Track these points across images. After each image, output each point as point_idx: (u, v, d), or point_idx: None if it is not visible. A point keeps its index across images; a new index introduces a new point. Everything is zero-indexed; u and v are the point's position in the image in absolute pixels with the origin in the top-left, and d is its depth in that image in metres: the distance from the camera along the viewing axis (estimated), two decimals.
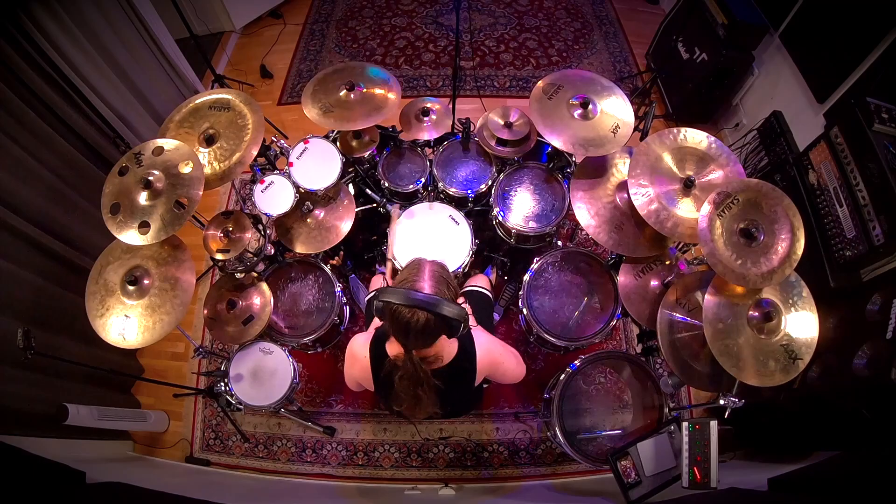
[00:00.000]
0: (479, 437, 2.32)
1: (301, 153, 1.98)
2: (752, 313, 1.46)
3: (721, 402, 1.47)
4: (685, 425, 1.46)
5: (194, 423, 2.41)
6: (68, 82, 2.29)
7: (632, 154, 1.74)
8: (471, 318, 1.56)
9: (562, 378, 1.76)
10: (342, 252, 2.38)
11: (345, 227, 1.95)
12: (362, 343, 1.37)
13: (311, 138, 2.01)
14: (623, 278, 1.79)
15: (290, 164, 1.95)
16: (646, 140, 1.68)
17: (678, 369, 1.60)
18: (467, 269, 2.00)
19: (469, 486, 2.23)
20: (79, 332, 2.00)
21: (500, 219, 2.04)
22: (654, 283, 1.79)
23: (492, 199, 2.08)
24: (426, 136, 2.13)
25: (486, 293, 1.96)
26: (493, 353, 1.39)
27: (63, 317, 2.05)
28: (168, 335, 1.58)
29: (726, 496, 1.44)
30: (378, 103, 1.96)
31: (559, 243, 2.17)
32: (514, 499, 2.17)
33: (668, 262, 1.80)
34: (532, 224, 2.04)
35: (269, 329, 1.89)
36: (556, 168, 2.12)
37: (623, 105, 1.81)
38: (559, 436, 1.70)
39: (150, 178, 1.59)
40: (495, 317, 2.42)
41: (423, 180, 2.13)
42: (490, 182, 2.10)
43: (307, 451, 2.32)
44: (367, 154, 2.11)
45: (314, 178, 1.93)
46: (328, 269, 2.03)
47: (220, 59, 3.63)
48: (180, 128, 1.83)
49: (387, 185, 2.12)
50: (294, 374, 1.87)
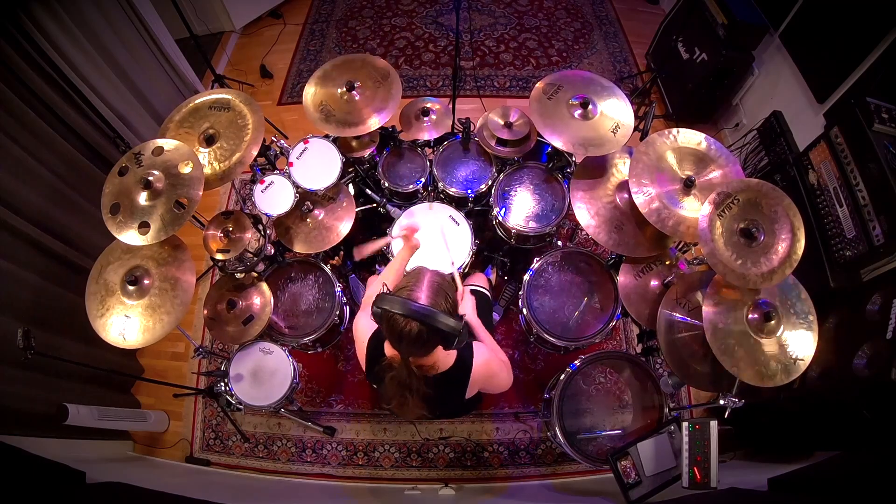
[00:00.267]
0: (479, 437, 2.32)
1: (301, 153, 1.98)
2: (751, 314, 1.46)
3: (721, 402, 1.47)
4: (685, 425, 1.46)
5: (194, 423, 2.41)
6: (68, 82, 2.28)
7: (632, 154, 1.74)
8: (478, 324, 1.54)
9: (562, 378, 1.76)
10: (342, 252, 2.39)
11: (344, 228, 1.95)
12: (365, 329, 1.37)
13: (310, 138, 2.01)
14: (623, 278, 1.79)
15: (290, 164, 1.95)
16: (646, 140, 1.68)
17: (678, 369, 1.60)
18: (467, 269, 2.00)
19: (469, 486, 2.23)
20: (79, 332, 2.00)
21: (500, 219, 2.04)
22: (654, 283, 1.79)
23: (492, 199, 2.08)
24: (426, 136, 2.13)
25: (486, 293, 1.96)
26: (490, 368, 1.37)
27: (63, 317, 2.05)
28: (168, 335, 1.58)
29: (726, 496, 1.44)
30: (379, 103, 1.96)
31: (559, 243, 2.17)
32: (515, 499, 2.17)
33: (668, 262, 1.80)
34: (532, 224, 2.04)
35: (269, 329, 1.89)
36: (556, 168, 2.12)
37: (623, 105, 1.81)
38: (559, 436, 1.70)
39: (150, 178, 1.59)
40: (495, 317, 2.42)
41: (423, 180, 2.13)
42: (490, 182, 2.10)
43: (307, 451, 2.32)
44: (367, 154, 2.11)
45: (314, 178, 1.93)
46: (328, 269, 2.03)
47: (220, 59, 3.63)
48: (180, 128, 1.83)
49: (387, 185, 2.12)
50: (294, 374, 1.86)
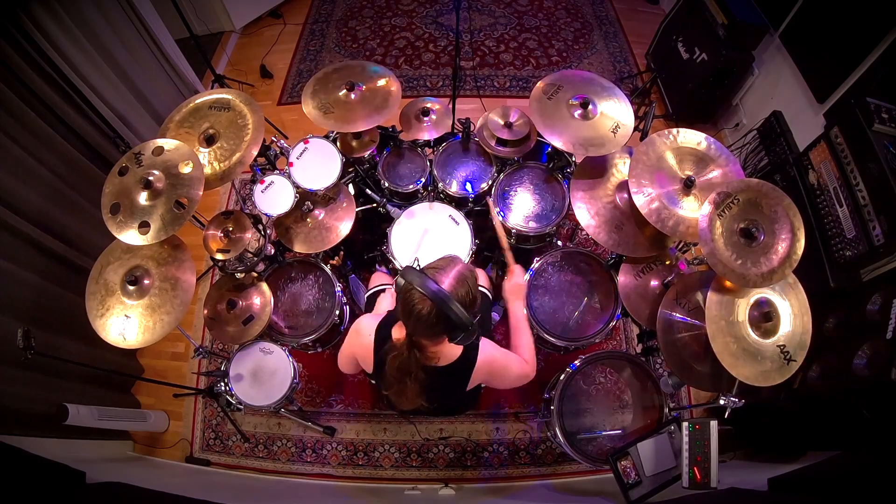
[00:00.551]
0: (479, 437, 2.32)
1: (301, 153, 1.98)
2: (751, 313, 1.46)
3: (721, 402, 1.47)
4: (685, 425, 1.46)
5: (194, 423, 2.41)
6: (68, 82, 2.28)
7: (632, 154, 1.74)
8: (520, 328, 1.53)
9: (562, 378, 1.76)
10: (342, 252, 2.38)
11: (344, 228, 1.95)
12: (369, 324, 1.37)
13: (311, 138, 2.01)
14: (623, 278, 1.79)
15: (290, 164, 1.95)
16: (646, 140, 1.68)
17: (678, 369, 1.60)
18: None
19: (469, 486, 2.23)
20: (79, 332, 1.99)
21: (500, 219, 2.04)
22: (654, 283, 1.78)
23: (492, 199, 2.08)
24: (426, 136, 2.13)
25: (487, 293, 1.96)
26: (494, 364, 1.36)
27: (63, 317, 2.05)
28: (168, 335, 1.58)
29: (726, 496, 1.44)
30: (379, 103, 1.96)
31: (559, 243, 2.17)
32: (514, 499, 2.17)
33: (668, 262, 1.80)
34: (532, 224, 2.04)
35: (269, 329, 1.89)
36: (556, 168, 2.12)
37: (623, 105, 1.81)
38: (559, 436, 1.70)
39: (150, 178, 1.58)
40: (495, 317, 2.42)
41: (423, 180, 2.13)
42: (490, 182, 2.10)
43: (307, 451, 2.32)
44: (367, 154, 2.11)
45: (314, 178, 1.93)
46: (328, 269, 2.02)
47: (220, 59, 3.63)
48: (180, 128, 1.83)
49: (387, 185, 2.12)
50: (294, 374, 1.86)
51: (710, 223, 1.46)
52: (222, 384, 1.86)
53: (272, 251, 1.96)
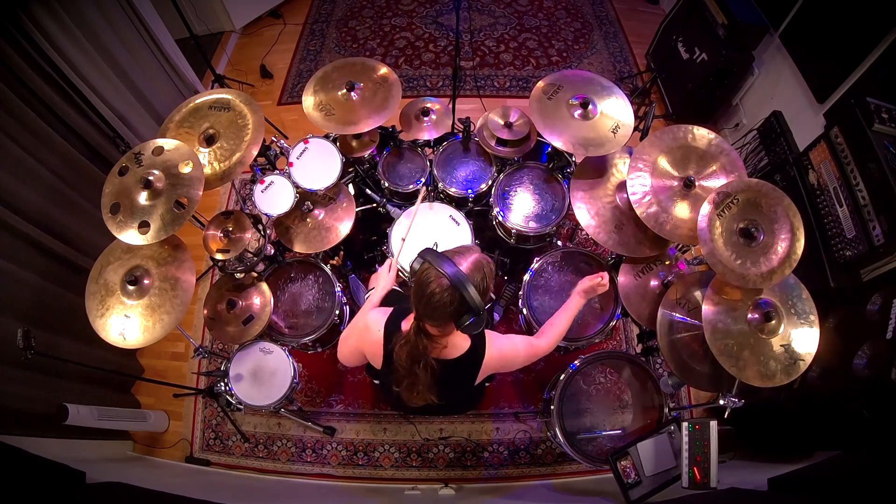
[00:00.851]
0: (479, 437, 2.32)
1: (301, 153, 1.98)
2: (751, 314, 1.46)
3: (721, 402, 1.47)
4: (685, 425, 1.46)
5: (194, 423, 2.41)
6: (68, 82, 2.28)
7: (632, 154, 1.74)
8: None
9: (562, 378, 1.76)
10: (342, 252, 2.38)
11: (344, 228, 1.95)
12: (378, 318, 1.36)
13: (310, 138, 2.01)
14: (623, 278, 1.79)
15: (290, 164, 1.95)
16: (646, 140, 1.68)
17: (678, 369, 1.60)
18: None
19: (469, 486, 2.23)
20: (79, 332, 2.00)
21: (500, 219, 2.04)
22: (654, 283, 1.78)
23: (492, 199, 2.08)
24: (426, 136, 2.13)
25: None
26: (504, 356, 1.37)
27: (63, 317, 2.05)
28: (168, 335, 1.58)
29: (726, 496, 1.44)
30: (379, 103, 1.96)
31: (559, 243, 2.17)
32: (514, 499, 2.17)
33: (667, 262, 1.80)
34: (532, 224, 2.04)
35: (269, 329, 1.89)
36: (556, 168, 2.12)
37: (623, 105, 1.81)
38: (559, 436, 1.70)
39: (150, 178, 1.59)
40: (495, 317, 2.42)
41: (423, 180, 2.13)
42: (490, 182, 2.10)
43: (307, 451, 2.32)
44: (366, 154, 2.11)
45: (314, 178, 1.93)
46: (328, 269, 2.02)
47: (220, 59, 3.63)
48: (180, 128, 1.83)
49: (387, 185, 2.12)
50: (294, 374, 1.86)
51: (709, 223, 1.46)
52: (222, 384, 1.86)
53: (272, 251, 1.96)
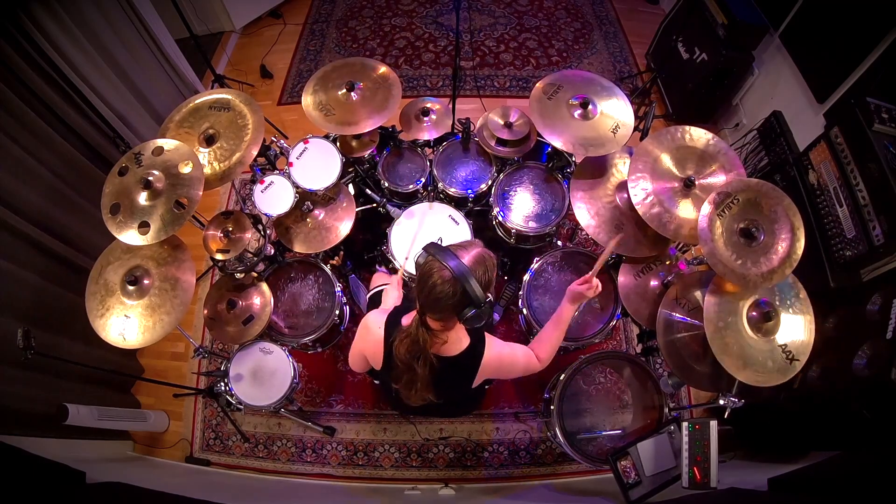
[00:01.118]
0: (479, 437, 2.32)
1: (301, 153, 1.98)
2: (751, 313, 1.46)
3: (721, 402, 1.47)
4: (685, 425, 1.46)
5: (194, 423, 2.41)
6: (68, 82, 2.28)
7: (632, 154, 1.74)
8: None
9: (562, 378, 1.76)
10: (342, 252, 2.38)
11: (344, 228, 1.95)
12: (378, 318, 1.37)
13: (310, 138, 2.01)
14: (623, 278, 1.79)
15: (290, 164, 1.95)
16: (646, 140, 1.68)
17: (678, 369, 1.60)
18: None
19: (469, 486, 2.23)
20: (79, 332, 2.00)
21: (500, 219, 2.04)
22: (654, 283, 1.78)
23: (492, 199, 2.08)
24: (426, 136, 2.13)
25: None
26: (502, 360, 1.37)
27: (63, 317, 2.05)
28: (168, 335, 1.58)
29: (726, 496, 1.44)
30: (379, 103, 1.96)
31: (559, 243, 2.17)
32: (514, 499, 2.17)
33: (668, 262, 1.80)
34: (532, 224, 2.04)
35: (269, 329, 1.89)
36: (556, 168, 2.12)
37: (623, 105, 1.81)
38: (559, 436, 1.70)
39: (150, 178, 1.59)
40: (495, 317, 2.42)
41: (423, 180, 2.13)
42: (490, 182, 2.10)
43: (307, 451, 2.32)
44: (366, 154, 2.11)
45: (314, 178, 1.93)
46: (328, 269, 2.02)
47: (220, 59, 3.63)
48: (180, 128, 1.83)
49: (387, 185, 2.12)
50: (294, 374, 1.86)
51: (710, 223, 1.46)
52: (222, 384, 1.86)
53: (272, 251, 1.96)
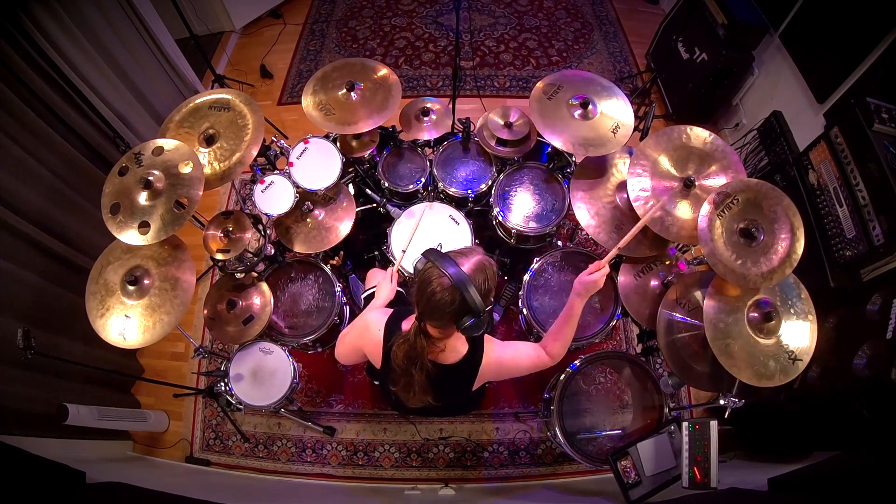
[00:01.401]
0: (479, 437, 2.32)
1: (301, 153, 1.98)
2: (751, 314, 1.46)
3: (721, 402, 1.47)
4: (685, 425, 1.46)
5: (194, 423, 2.41)
6: (68, 82, 2.28)
7: (632, 154, 1.74)
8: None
9: (562, 378, 1.76)
10: (342, 252, 2.38)
11: (344, 228, 1.95)
12: (378, 319, 1.35)
13: (311, 138, 2.01)
14: (623, 278, 1.79)
15: (290, 164, 1.95)
16: (646, 140, 1.68)
17: (678, 369, 1.60)
18: None
19: (469, 486, 2.23)
20: (79, 332, 2.00)
21: (500, 219, 2.04)
22: (654, 283, 1.78)
23: (492, 199, 2.08)
24: (426, 136, 2.13)
25: None
26: (502, 364, 1.36)
27: (63, 317, 2.05)
28: (168, 335, 1.58)
29: (726, 496, 1.44)
30: (379, 103, 1.96)
31: (559, 243, 2.17)
32: (514, 499, 2.17)
33: (668, 262, 1.80)
34: (532, 224, 2.04)
35: (269, 329, 1.89)
36: (556, 168, 2.12)
37: (623, 105, 1.81)
38: (559, 436, 1.70)
39: (150, 178, 1.58)
40: (495, 317, 2.42)
41: (423, 180, 2.13)
42: (490, 182, 2.10)
43: (307, 451, 2.32)
44: (366, 154, 2.11)
45: (314, 178, 1.93)
46: (328, 269, 2.03)
47: (220, 59, 3.63)
48: (180, 128, 1.83)
49: (387, 185, 2.12)
50: (294, 374, 1.86)
51: (709, 223, 1.46)
52: (222, 384, 1.86)
53: (272, 251, 1.96)
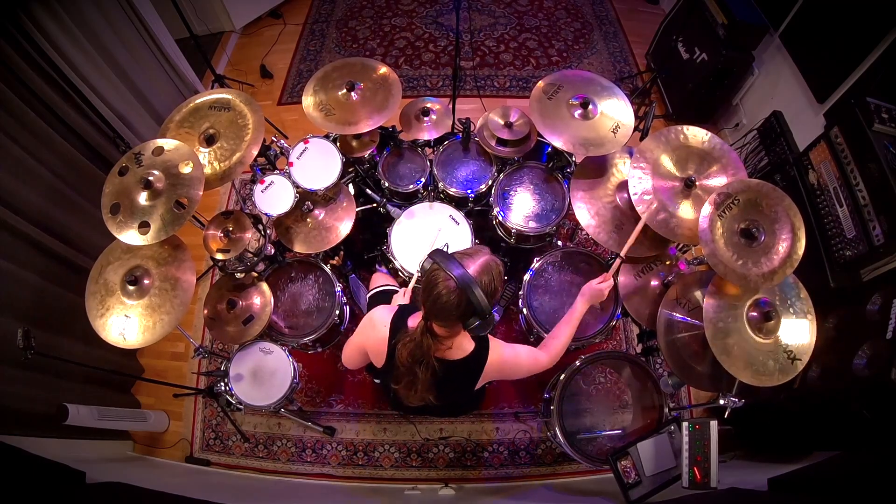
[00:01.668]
0: (479, 437, 2.32)
1: (301, 153, 1.98)
2: (751, 313, 1.46)
3: (721, 402, 1.47)
4: (685, 425, 1.46)
5: (194, 423, 2.41)
6: (68, 82, 2.28)
7: (632, 154, 1.74)
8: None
9: (562, 378, 1.76)
10: (342, 252, 2.38)
11: (344, 228, 1.95)
12: (384, 315, 1.35)
13: (311, 138, 2.01)
14: (623, 278, 1.79)
15: (290, 164, 1.95)
16: (646, 140, 1.68)
17: (678, 369, 1.60)
18: None
19: (469, 486, 2.23)
20: (79, 332, 2.00)
21: (500, 219, 2.04)
22: (654, 283, 1.78)
23: (492, 198, 2.08)
24: (426, 136, 2.13)
25: None
26: (504, 364, 1.36)
27: (63, 317, 2.05)
28: (168, 335, 1.58)
29: (726, 496, 1.44)
30: (379, 103, 1.96)
31: (559, 243, 2.17)
32: (514, 499, 2.17)
33: (668, 262, 1.80)
34: (532, 224, 2.04)
35: (270, 329, 1.89)
36: (556, 168, 2.12)
37: (623, 105, 1.81)
38: (559, 436, 1.70)
39: (150, 178, 1.58)
40: (495, 317, 2.42)
41: (423, 180, 2.13)
42: (490, 182, 2.10)
43: (307, 451, 2.32)
44: (367, 154, 2.11)
45: (314, 178, 1.93)
46: (328, 269, 2.02)
47: (220, 59, 3.63)
48: (180, 128, 1.83)
49: (387, 185, 2.12)
50: (294, 373, 1.86)
51: (710, 224, 1.46)
52: (222, 384, 1.86)
53: (272, 251, 1.96)
